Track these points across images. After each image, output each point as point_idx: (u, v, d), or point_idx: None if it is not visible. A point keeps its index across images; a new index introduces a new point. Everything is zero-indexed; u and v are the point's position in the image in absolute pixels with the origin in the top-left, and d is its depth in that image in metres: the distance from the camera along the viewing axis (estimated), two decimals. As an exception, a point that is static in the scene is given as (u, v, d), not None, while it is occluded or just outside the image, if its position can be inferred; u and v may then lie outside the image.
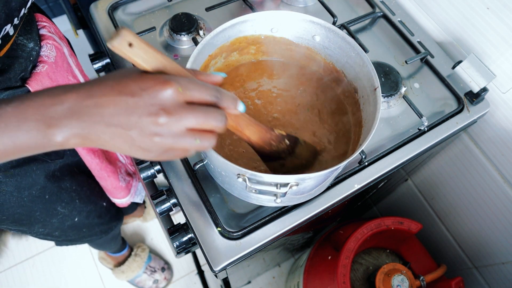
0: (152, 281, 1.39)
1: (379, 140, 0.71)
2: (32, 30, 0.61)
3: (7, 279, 1.43)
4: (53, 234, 0.86)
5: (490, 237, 0.93)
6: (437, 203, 1.07)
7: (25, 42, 0.59)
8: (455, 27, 0.80)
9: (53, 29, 0.68)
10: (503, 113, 0.76)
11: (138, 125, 0.35)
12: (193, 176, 0.65)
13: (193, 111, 0.36)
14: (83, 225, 0.90)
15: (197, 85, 0.37)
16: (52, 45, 0.65)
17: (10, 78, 0.57)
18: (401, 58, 0.81)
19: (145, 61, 0.35)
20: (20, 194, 0.69)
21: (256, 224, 0.61)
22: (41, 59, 0.63)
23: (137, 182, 1.00)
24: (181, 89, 0.35)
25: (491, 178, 0.85)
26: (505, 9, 0.69)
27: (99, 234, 0.99)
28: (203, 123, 0.37)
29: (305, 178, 0.48)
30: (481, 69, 0.73)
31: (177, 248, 0.65)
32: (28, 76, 0.61)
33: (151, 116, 0.34)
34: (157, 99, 0.34)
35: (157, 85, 0.34)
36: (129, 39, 0.33)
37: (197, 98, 0.36)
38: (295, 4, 0.87)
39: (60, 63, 0.67)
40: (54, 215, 0.79)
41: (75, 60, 0.75)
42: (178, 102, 0.35)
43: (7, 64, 0.56)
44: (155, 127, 0.35)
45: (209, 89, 0.37)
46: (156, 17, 0.84)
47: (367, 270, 0.95)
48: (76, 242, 0.97)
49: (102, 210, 0.94)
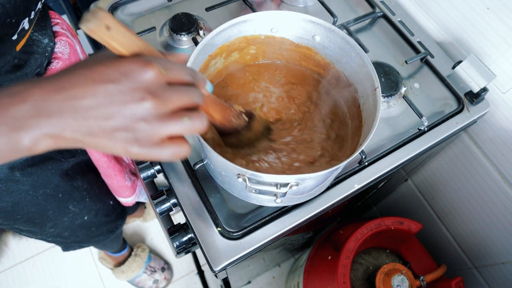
0: (152, 281, 1.39)
1: (379, 140, 0.71)
2: (46, 26, 0.61)
3: (7, 279, 1.43)
4: (63, 234, 0.86)
5: (490, 237, 0.93)
6: (437, 203, 1.07)
7: (40, 38, 0.59)
8: (455, 27, 0.80)
9: (66, 26, 0.69)
10: (503, 113, 0.76)
11: (122, 114, 0.31)
12: (193, 176, 0.65)
13: (177, 91, 0.34)
14: (92, 224, 0.90)
15: (176, 65, 0.35)
16: (65, 41, 0.66)
17: (27, 73, 0.57)
18: (401, 58, 0.81)
19: (122, 45, 0.33)
20: (35, 193, 0.70)
21: (256, 224, 0.61)
22: (56, 56, 0.64)
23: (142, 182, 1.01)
24: (163, 70, 0.33)
25: (491, 178, 0.85)
26: (505, 9, 0.69)
27: (106, 234, 0.99)
28: (187, 102, 0.35)
29: (305, 178, 0.48)
30: (481, 69, 0.73)
31: (177, 248, 0.65)
32: (44, 72, 0.61)
33: (136, 102, 0.32)
34: (140, 83, 0.32)
35: (138, 68, 0.32)
36: (107, 22, 0.30)
37: (177, 78, 0.35)
38: (295, 4, 0.87)
39: (73, 59, 0.68)
40: (65, 213, 0.80)
41: (85, 57, 0.76)
42: (161, 84, 0.33)
43: (23, 60, 0.56)
44: (142, 113, 0.32)
45: (186, 68, 0.36)
46: (156, 17, 0.84)
47: (367, 270, 0.95)
48: (84, 243, 0.97)
49: (109, 209, 0.94)
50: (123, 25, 0.33)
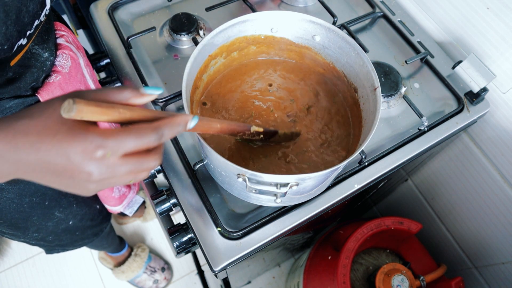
0: (152, 281, 1.39)
1: (379, 140, 0.71)
2: (49, 40, 0.59)
3: (7, 279, 1.43)
4: (46, 238, 0.85)
5: (490, 237, 0.93)
6: (437, 203, 1.07)
7: (40, 52, 0.57)
8: (455, 27, 0.80)
9: (71, 38, 0.67)
10: (503, 113, 0.76)
11: (73, 182, 0.35)
12: (193, 176, 0.65)
13: (126, 164, 0.36)
14: (77, 228, 0.89)
15: (134, 137, 0.35)
16: (68, 55, 0.63)
17: (20, 87, 0.55)
18: (401, 58, 0.81)
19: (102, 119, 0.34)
20: (20, 200, 0.69)
21: (256, 224, 0.61)
22: (55, 69, 0.61)
23: (134, 194, 0.99)
24: (109, 154, 0.34)
25: (491, 178, 0.85)
26: (505, 9, 0.69)
27: (91, 237, 0.98)
28: (138, 171, 0.37)
29: (305, 178, 0.48)
30: (481, 69, 0.73)
31: (177, 248, 0.65)
32: (40, 86, 0.59)
33: (85, 176, 0.35)
34: (88, 167, 0.34)
35: (84, 159, 0.34)
36: (82, 114, 0.32)
37: (134, 150, 0.36)
38: (295, 4, 0.87)
39: (74, 73, 0.65)
40: (50, 219, 0.79)
41: (90, 70, 0.73)
42: (109, 163, 0.35)
43: (18, 73, 0.54)
44: (89, 182, 0.35)
45: (148, 136, 0.36)
46: (156, 17, 0.84)
47: (367, 270, 0.95)
48: (68, 247, 0.96)
49: (95, 213, 0.93)
50: (101, 105, 0.33)
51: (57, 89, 0.61)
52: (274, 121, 0.64)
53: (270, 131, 0.58)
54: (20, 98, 0.56)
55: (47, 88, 0.59)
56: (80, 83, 0.68)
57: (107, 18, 0.83)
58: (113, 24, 0.82)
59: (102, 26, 0.83)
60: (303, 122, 0.64)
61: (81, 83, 0.68)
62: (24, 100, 0.57)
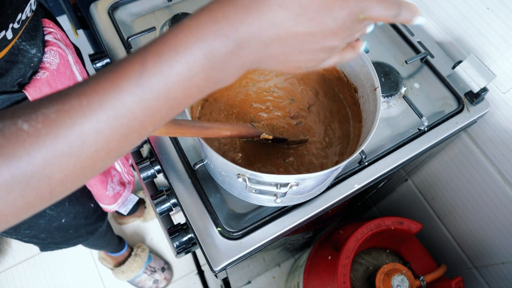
0: (152, 281, 1.39)
1: (379, 140, 0.71)
2: (37, 36, 0.59)
3: (7, 279, 1.43)
4: (39, 236, 0.85)
5: (490, 237, 0.93)
6: (437, 203, 1.07)
7: (28, 48, 0.57)
8: (455, 27, 0.80)
9: (60, 35, 0.67)
10: (503, 113, 0.76)
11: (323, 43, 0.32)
12: (193, 176, 0.65)
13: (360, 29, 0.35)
14: (70, 227, 0.88)
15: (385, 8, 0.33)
16: (56, 51, 0.63)
17: (6, 83, 0.55)
18: (401, 58, 0.81)
19: None
20: None
21: (256, 224, 0.61)
22: (43, 66, 0.61)
23: (129, 192, 0.98)
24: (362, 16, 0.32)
25: (491, 178, 0.85)
26: (505, 9, 0.69)
27: (85, 236, 0.97)
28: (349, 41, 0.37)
29: (305, 178, 0.48)
30: (481, 69, 0.73)
31: (177, 248, 0.65)
32: (27, 82, 0.59)
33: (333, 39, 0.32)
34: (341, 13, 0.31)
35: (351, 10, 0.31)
36: None
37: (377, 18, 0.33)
38: (295, 4, 0.87)
39: (62, 70, 0.65)
40: (41, 216, 0.78)
41: (80, 67, 0.73)
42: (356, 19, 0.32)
43: (4, 69, 0.54)
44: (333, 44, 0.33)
45: (392, 10, 0.34)
46: (156, 17, 0.84)
47: (367, 270, 0.95)
48: (62, 245, 0.95)
49: (90, 211, 0.92)
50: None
51: (44, 85, 0.61)
52: (281, 127, 0.64)
53: (279, 139, 0.59)
54: (6, 94, 0.56)
55: (34, 85, 0.59)
56: (69, 79, 0.68)
57: (107, 18, 0.83)
58: (113, 24, 0.82)
59: (102, 26, 0.83)
60: (307, 121, 0.64)
61: (70, 79, 0.68)
62: (11, 96, 0.57)
